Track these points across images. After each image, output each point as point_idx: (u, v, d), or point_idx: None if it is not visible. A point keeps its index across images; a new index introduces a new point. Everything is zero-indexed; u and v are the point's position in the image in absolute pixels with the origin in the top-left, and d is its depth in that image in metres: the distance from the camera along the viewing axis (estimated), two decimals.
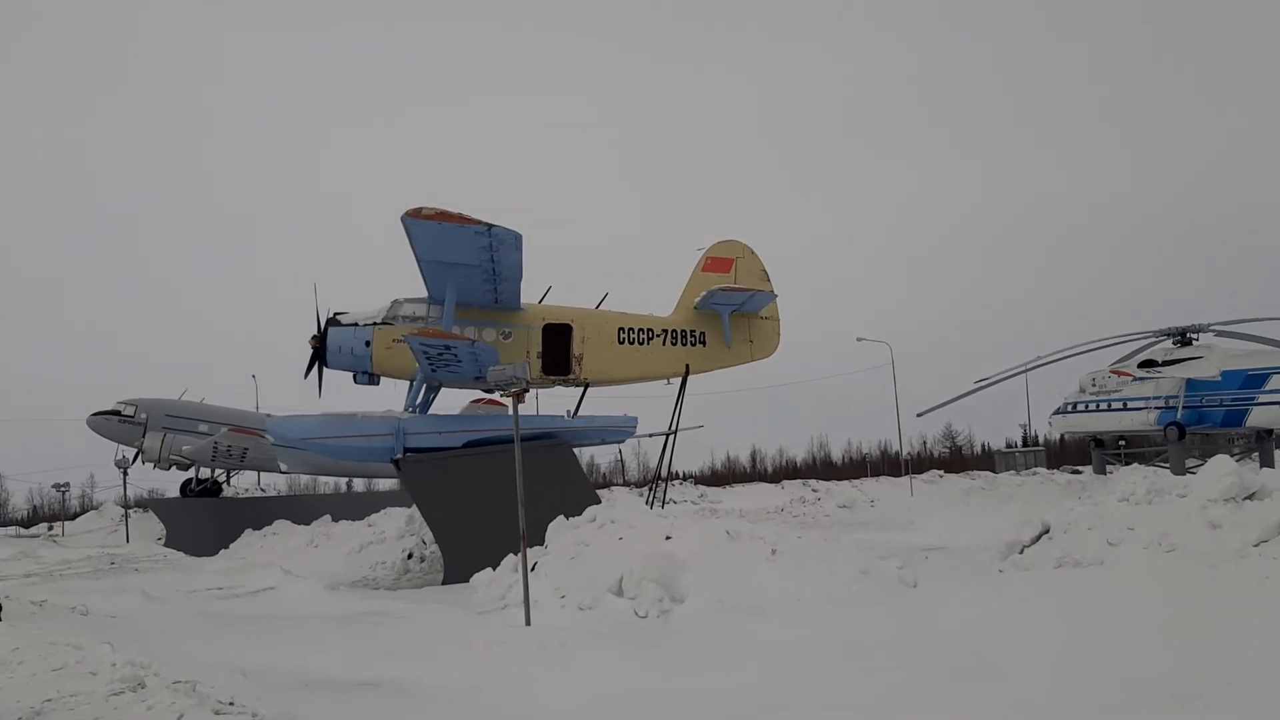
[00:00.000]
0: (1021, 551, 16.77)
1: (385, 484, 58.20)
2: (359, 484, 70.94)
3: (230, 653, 9.88)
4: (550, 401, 33.70)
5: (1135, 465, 44.27)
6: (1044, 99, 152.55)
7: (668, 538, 14.72)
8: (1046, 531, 16.91)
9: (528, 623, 13.18)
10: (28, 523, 66.58)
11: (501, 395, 15.01)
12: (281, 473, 45.55)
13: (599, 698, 8.49)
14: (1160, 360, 46.89)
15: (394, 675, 8.69)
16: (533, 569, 15.34)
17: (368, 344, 23.39)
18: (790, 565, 14.00)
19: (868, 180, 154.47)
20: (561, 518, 17.79)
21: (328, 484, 73.44)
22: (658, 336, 25.03)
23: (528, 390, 13.90)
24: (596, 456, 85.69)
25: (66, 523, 59.01)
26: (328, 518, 37.54)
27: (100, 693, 5.61)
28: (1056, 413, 51.69)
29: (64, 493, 58.44)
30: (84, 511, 66.39)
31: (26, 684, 6.45)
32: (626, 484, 73.18)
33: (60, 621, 12.10)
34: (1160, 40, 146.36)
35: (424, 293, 23.15)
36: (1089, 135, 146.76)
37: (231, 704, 4.89)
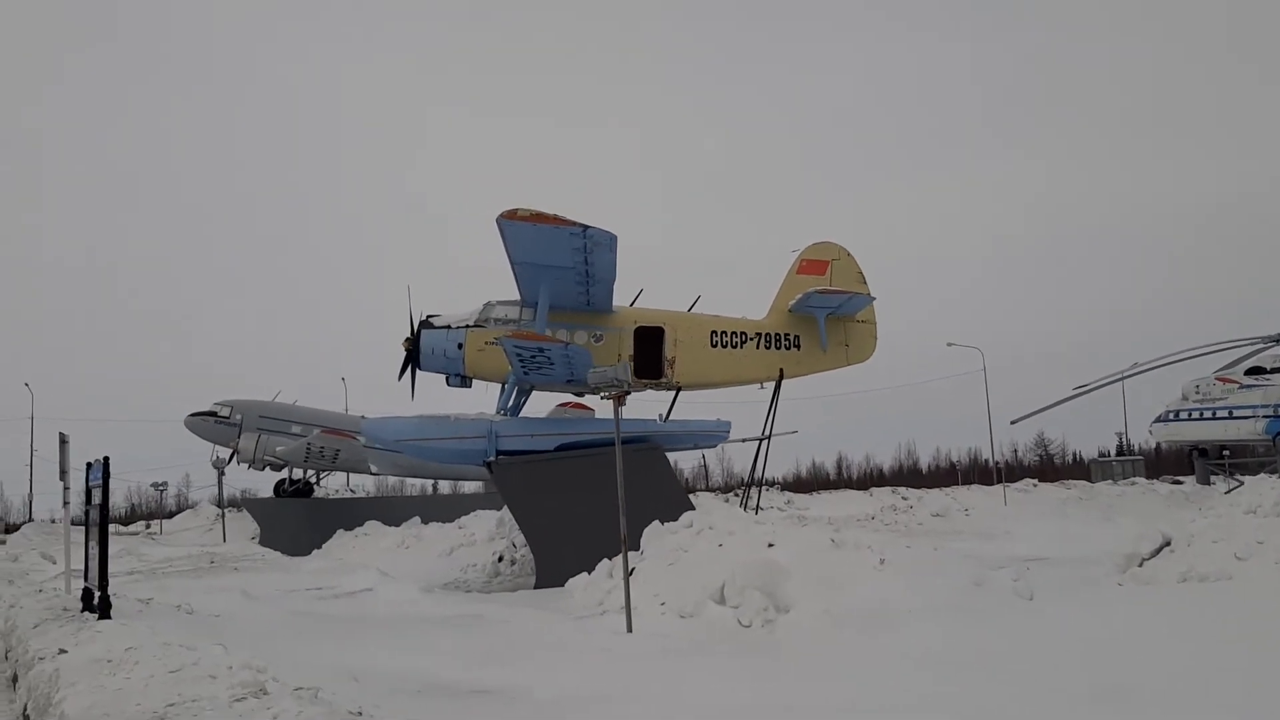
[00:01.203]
0: (1141, 564, 16.04)
1: (471, 486, 58.67)
2: (444, 486, 71.82)
3: (337, 655, 9.80)
4: (638, 405, 33.48)
5: (1238, 475, 42.42)
6: (1147, 95, 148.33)
7: (770, 545, 14.33)
8: (1167, 544, 16.16)
9: (629, 629, 12.93)
10: (126, 520, 68.53)
11: (602, 397, 14.77)
12: (372, 474, 46.09)
13: (709, 710, 8.18)
14: (1269, 367, 44.90)
15: (504, 682, 8.49)
16: (630, 574, 15.14)
17: (460, 346, 23.41)
18: (899, 575, 13.53)
19: (958, 179, 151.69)
20: (657, 523, 17.54)
21: (415, 486, 74.51)
22: (751, 340, 24.61)
23: (629, 393, 13.64)
24: (680, 461, 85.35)
25: (164, 521, 60.66)
26: (417, 519, 37.84)
27: (222, 698, 5.46)
28: (1157, 421, 49.82)
29: (162, 491, 60.10)
30: (180, 510, 68.20)
31: (145, 687, 6.35)
32: (711, 490, 72.63)
33: (168, 620, 12.19)
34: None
35: (516, 295, 23.12)
36: (1196, 133, 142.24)
37: (360, 713, 4.68)
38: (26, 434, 65.09)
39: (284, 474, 43.02)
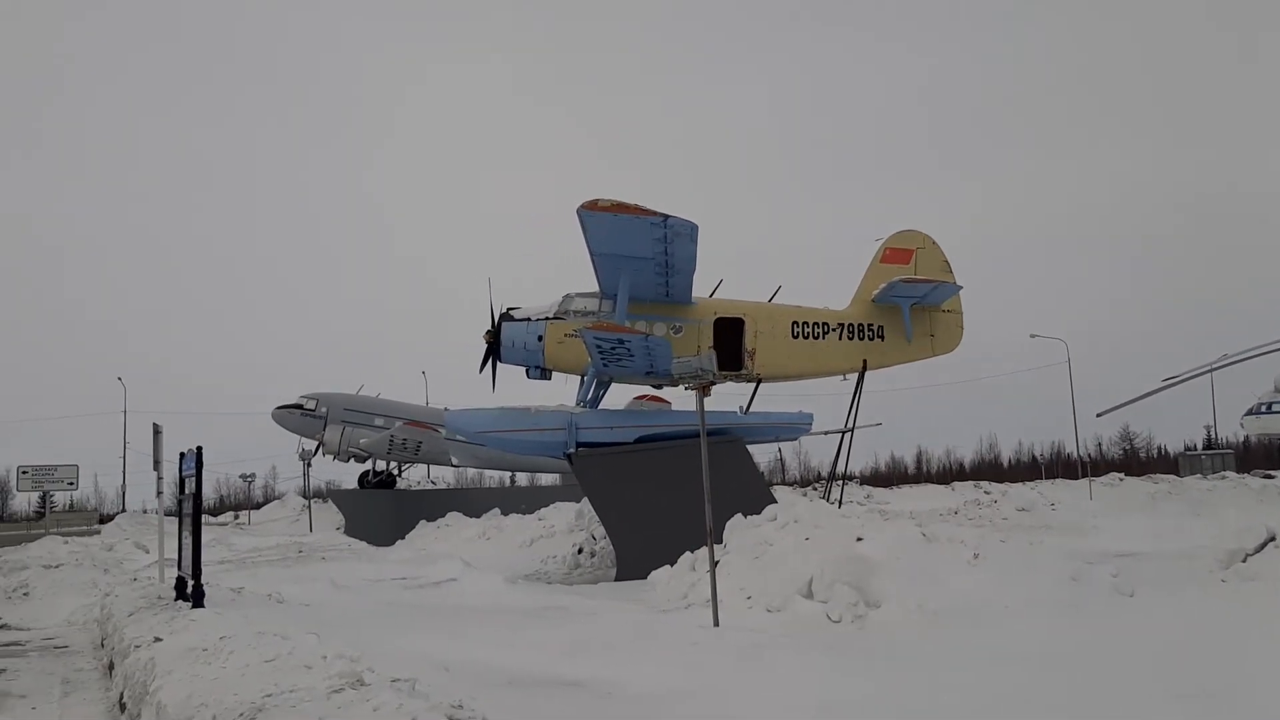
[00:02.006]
0: (1245, 560, 15.37)
1: (547, 479, 58.93)
2: (521, 478, 72.44)
3: (427, 645, 9.80)
4: (718, 397, 33.22)
5: None
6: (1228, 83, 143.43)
7: (859, 539, 14.04)
8: (1273, 539, 15.46)
9: (715, 623, 12.76)
10: (215, 511, 70.25)
11: (685, 388, 14.61)
12: (452, 466, 46.56)
13: (805, 706, 7.98)
14: None
15: (593, 675, 8.39)
16: (713, 567, 14.97)
17: (540, 339, 23.45)
18: (993, 570, 13.15)
19: (1035, 167, 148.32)
20: (739, 516, 17.35)
21: (493, 478, 75.27)
22: (833, 330, 24.23)
23: (713, 383, 13.45)
24: (756, 455, 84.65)
25: (251, 511, 62.11)
26: (496, 511, 38.10)
27: (320, 689, 5.41)
28: (1249, 414, 48.14)
29: (250, 483, 61.56)
30: (267, 501, 69.75)
31: (241, 676, 6.35)
32: (787, 484, 72.05)
33: (260, 609, 12.34)
34: None
35: (594, 287, 23.07)
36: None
37: (460, 706, 4.59)
38: (120, 428, 67.21)
39: (367, 466, 43.66)
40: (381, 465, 43.90)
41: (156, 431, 16.57)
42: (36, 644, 14.57)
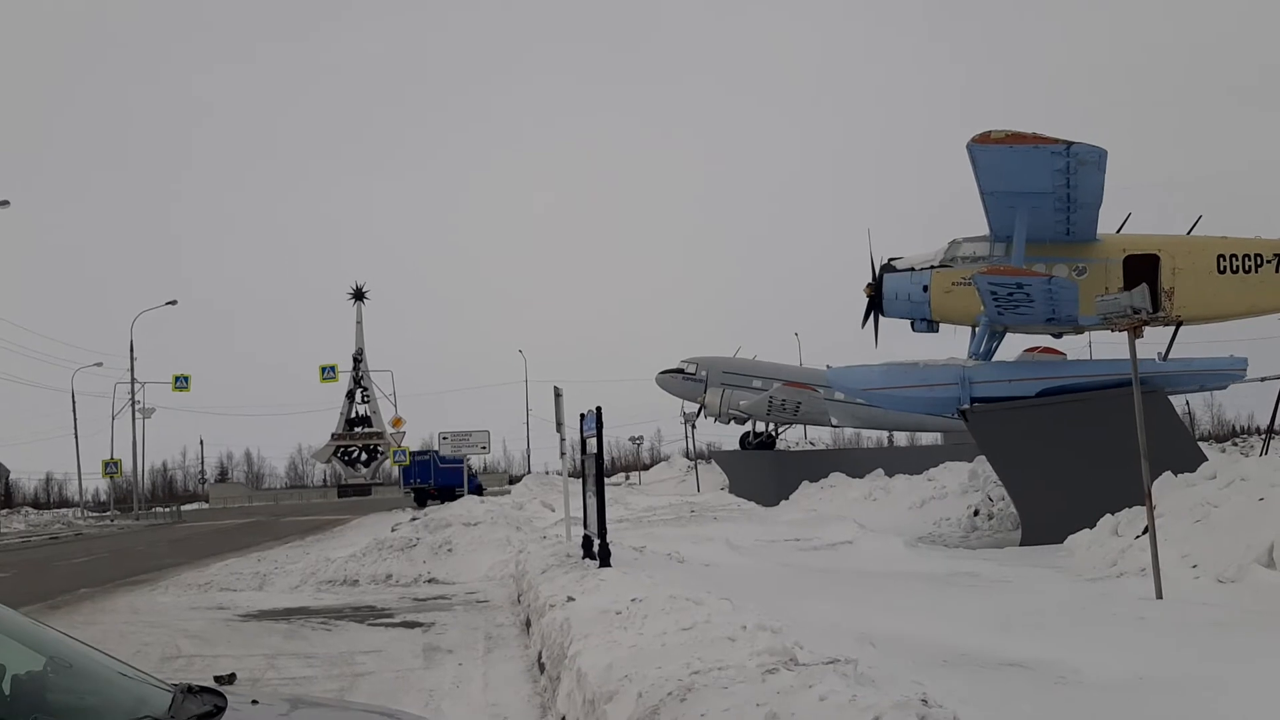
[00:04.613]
0: None
1: (927, 438, 56.86)
2: (900, 438, 70.52)
3: (836, 613, 9.20)
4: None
5: None
6: None
7: None
8: None
9: (1158, 595, 11.17)
10: (607, 473, 74.40)
11: (1112, 330, 12.97)
12: (830, 426, 45.99)
13: None
14: None
15: (1037, 655, 7.37)
16: (1143, 533, 13.35)
17: (925, 289, 22.18)
18: None
19: None
20: (1169, 474, 15.36)
21: (870, 438, 73.91)
22: (1269, 262, 21.00)
23: (1146, 323, 11.76)
24: None
25: (641, 472, 65.17)
26: (880, 471, 36.99)
27: (750, 667, 4.92)
28: None
29: (638, 445, 64.64)
30: (654, 463, 72.98)
31: (662, 646, 6.01)
32: (1200, 439, 64.77)
33: (663, 569, 12.33)
34: None
35: (982, 231, 21.43)
36: None
37: (926, 701, 3.88)
38: (522, 396, 73.03)
39: (748, 427, 44.07)
40: (761, 426, 44.12)
41: (557, 394, 17.23)
42: (461, 598, 15.58)
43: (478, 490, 44.20)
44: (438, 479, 49.72)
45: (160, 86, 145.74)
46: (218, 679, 9.27)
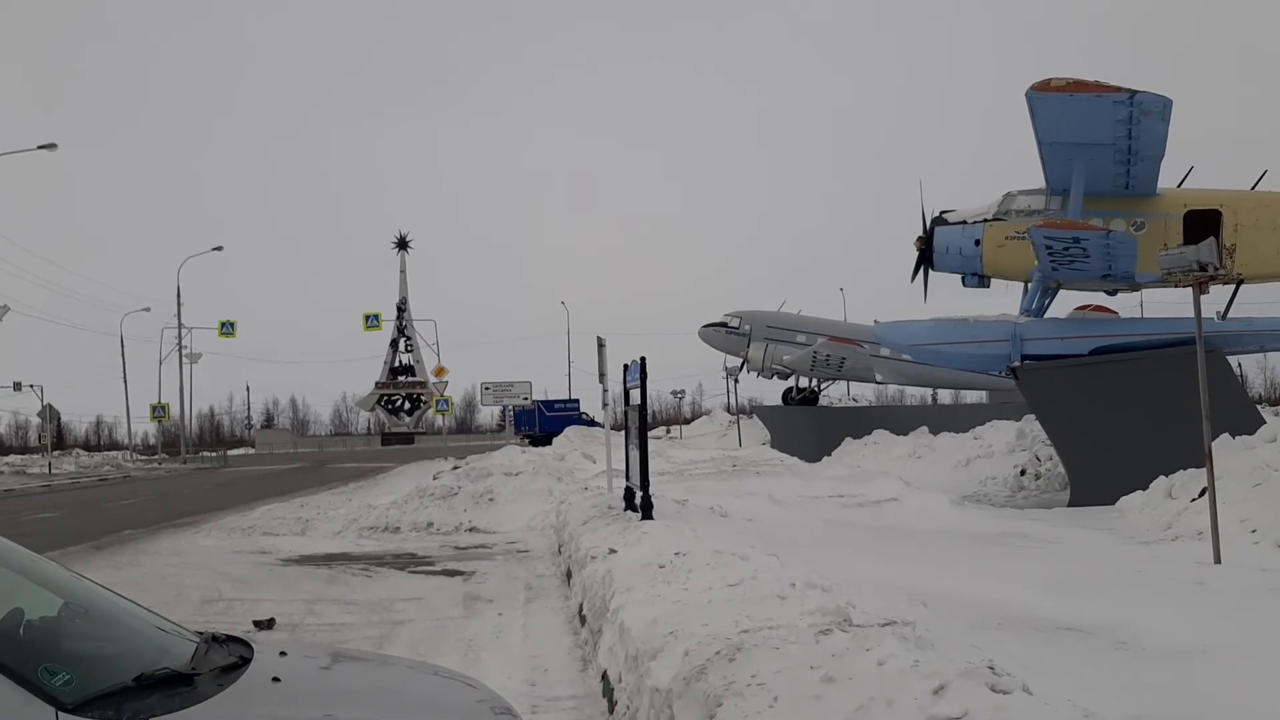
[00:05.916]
0: None
1: (973, 396, 56.07)
2: (944, 395, 69.73)
3: (885, 572, 8.96)
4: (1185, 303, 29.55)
5: None
6: None
7: None
8: None
9: (1217, 560, 10.83)
10: (649, 426, 74.52)
11: (1175, 285, 12.52)
12: (875, 383, 45.39)
13: None
14: None
15: (1095, 619, 7.10)
16: (1200, 495, 12.97)
17: (977, 243, 21.68)
18: None
19: None
20: (1226, 436, 14.91)
21: (914, 396, 73.21)
22: None
23: (1213, 279, 11.31)
24: None
25: (682, 426, 65.08)
26: (924, 429, 36.51)
27: (801, 627, 4.70)
28: None
29: (680, 398, 64.51)
30: (695, 417, 72.87)
31: (708, 603, 5.81)
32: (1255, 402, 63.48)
33: (705, 524, 12.15)
34: None
35: (1038, 183, 20.83)
36: None
37: (993, 669, 3.65)
38: (564, 347, 73.16)
39: (791, 382, 43.64)
40: (804, 382, 43.67)
41: (600, 345, 17.03)
42: (501, 547, 15.54)
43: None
44: (543, 426, 57.40)
45: (213, 24, 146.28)
46: (256, 623, 9.33)
